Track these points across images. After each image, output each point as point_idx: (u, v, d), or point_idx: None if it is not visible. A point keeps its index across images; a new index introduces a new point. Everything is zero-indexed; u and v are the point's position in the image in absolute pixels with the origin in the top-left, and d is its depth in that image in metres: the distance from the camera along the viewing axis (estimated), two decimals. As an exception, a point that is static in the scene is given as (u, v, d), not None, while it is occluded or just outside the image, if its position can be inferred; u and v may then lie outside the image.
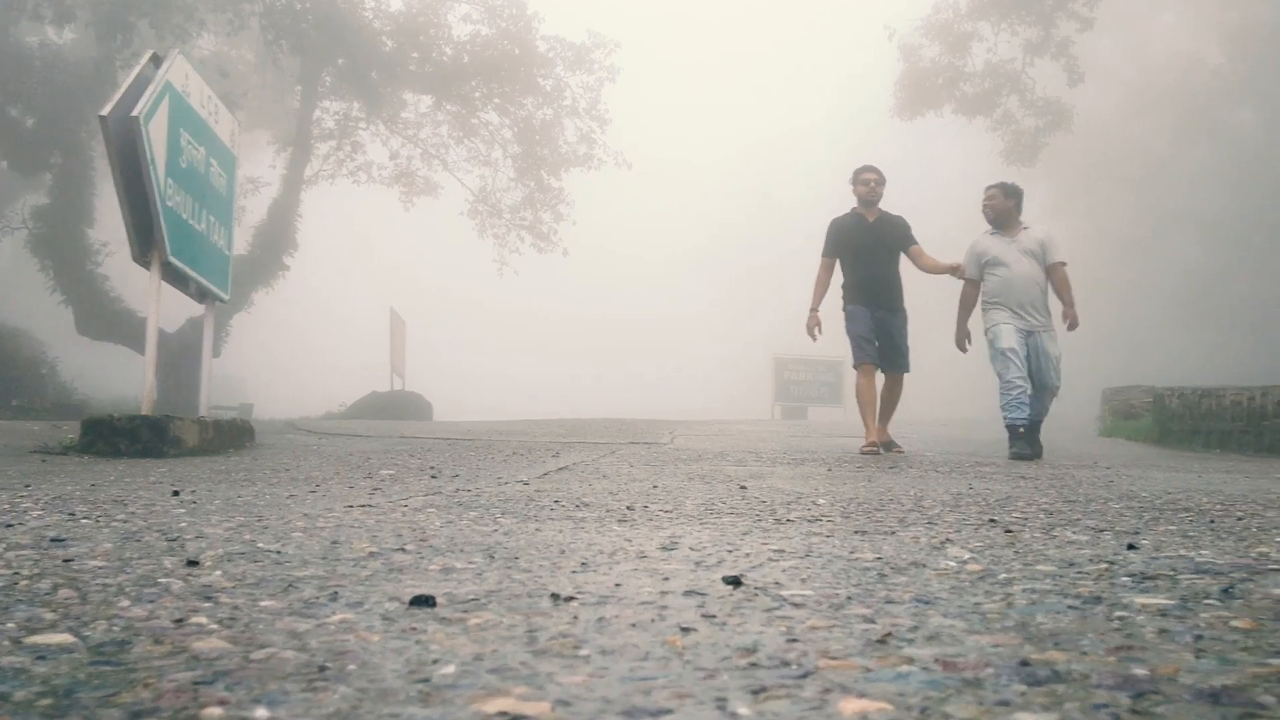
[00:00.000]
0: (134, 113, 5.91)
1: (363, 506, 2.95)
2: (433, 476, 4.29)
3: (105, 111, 5.91)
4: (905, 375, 7.39)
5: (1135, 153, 27.61)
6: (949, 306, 7.52)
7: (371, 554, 1.86)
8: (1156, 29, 27.58)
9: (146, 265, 6.28)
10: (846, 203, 7.54)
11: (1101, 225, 27.50)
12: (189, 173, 6.71)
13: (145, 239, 6.18)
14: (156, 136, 6.13)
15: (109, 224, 14.35)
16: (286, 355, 38.51)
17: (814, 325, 7.38)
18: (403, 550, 1.91)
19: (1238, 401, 8.58)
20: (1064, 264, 7.11)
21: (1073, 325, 7.13)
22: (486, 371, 47.19)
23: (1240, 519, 2.65)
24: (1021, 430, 6.76)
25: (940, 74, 22.21)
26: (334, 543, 2.02)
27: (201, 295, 7.40)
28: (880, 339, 7.23)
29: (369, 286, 39.67)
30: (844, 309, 7.38)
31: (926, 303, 10.43)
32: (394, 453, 6.03)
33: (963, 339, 7.37)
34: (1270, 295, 25.50)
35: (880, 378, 7.31)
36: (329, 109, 21.96)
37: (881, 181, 7.50)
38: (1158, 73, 26.88)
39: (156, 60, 6.64)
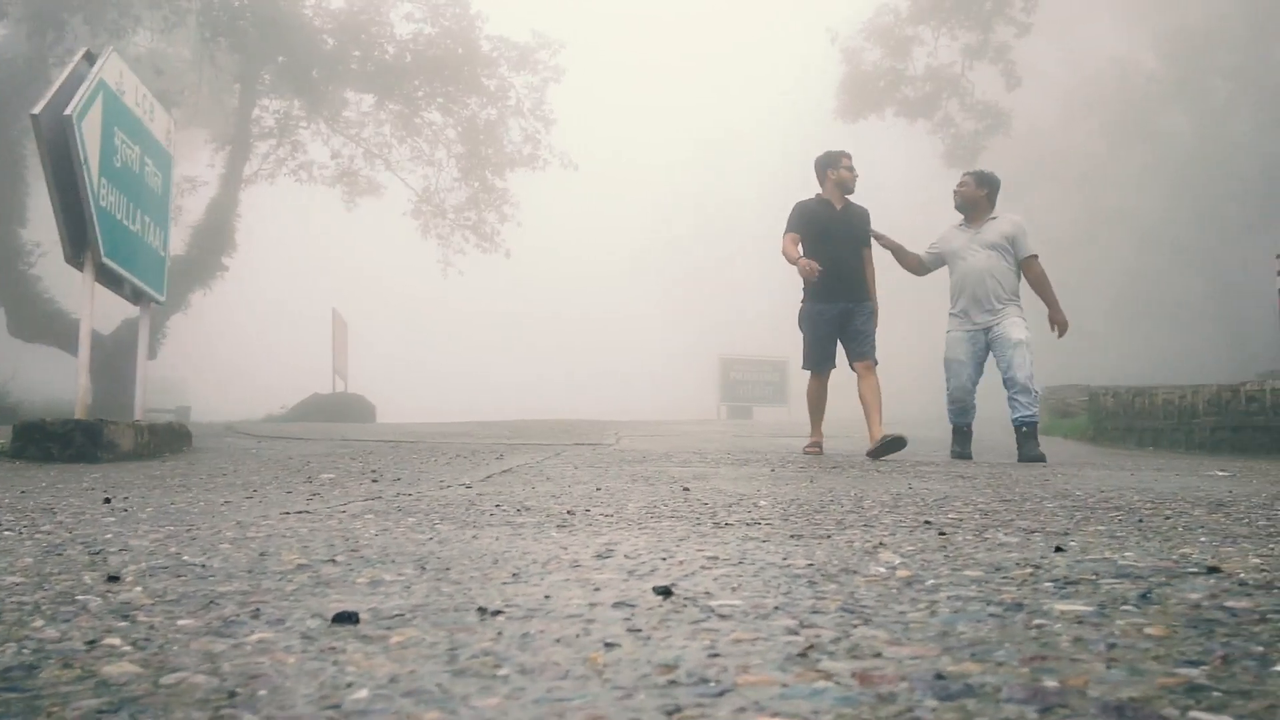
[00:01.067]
0: (66, 111, 5.79)
1: (299, 513, 2.91)
2: (374, 480, 4.25)
3: (37, 110, 5.78)
4: (875, 366, 6.78)
5: (1072, 156, 28.12)
6: (900, 299, 7.61)
7: (300, 566, 1.83)
8: (1092, 34, 28.09)
9: (79, 266, 6.15)
10: (793, 201, 7.03)
11: (1040, 227, 27.87)
12: (123, 172, 6.58)
13: (78, 240, 6.05)
14: (90, 135, 6.00)
15: (42, 224, 14.04)
16: (226, 357, 37.95)
17: (809, 266, 6.53)
18: (333, 562, 1.88)
19: (1169, 400, 8.77)
20: (1036, 257, 6.74)
21: (1061, 329, 6.67)
22: (432, 373, 46.86)
23: (1168, 518, 2.70)
24: (967, 429, 6.74)
25: (882, 77, 22.48)
26: (262, 554, 1.99)
27: (136, 297, 7.26)
28: (844, 331, 6.77)
29: (311, 287, 39.22)
30: (802, 306, 6.92)
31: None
32: (335, 456, 5.96)
33: (883, 241, 6.97)
34: (1203, 295, 26.12)
35: (839, 386, 6.94)
36: (268, 107, 21.66)
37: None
38: (1093, 77, 27.40)
39: (90, 58, 6.50)
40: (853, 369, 6.82)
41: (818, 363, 6.83)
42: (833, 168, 6.97)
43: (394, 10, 21.85)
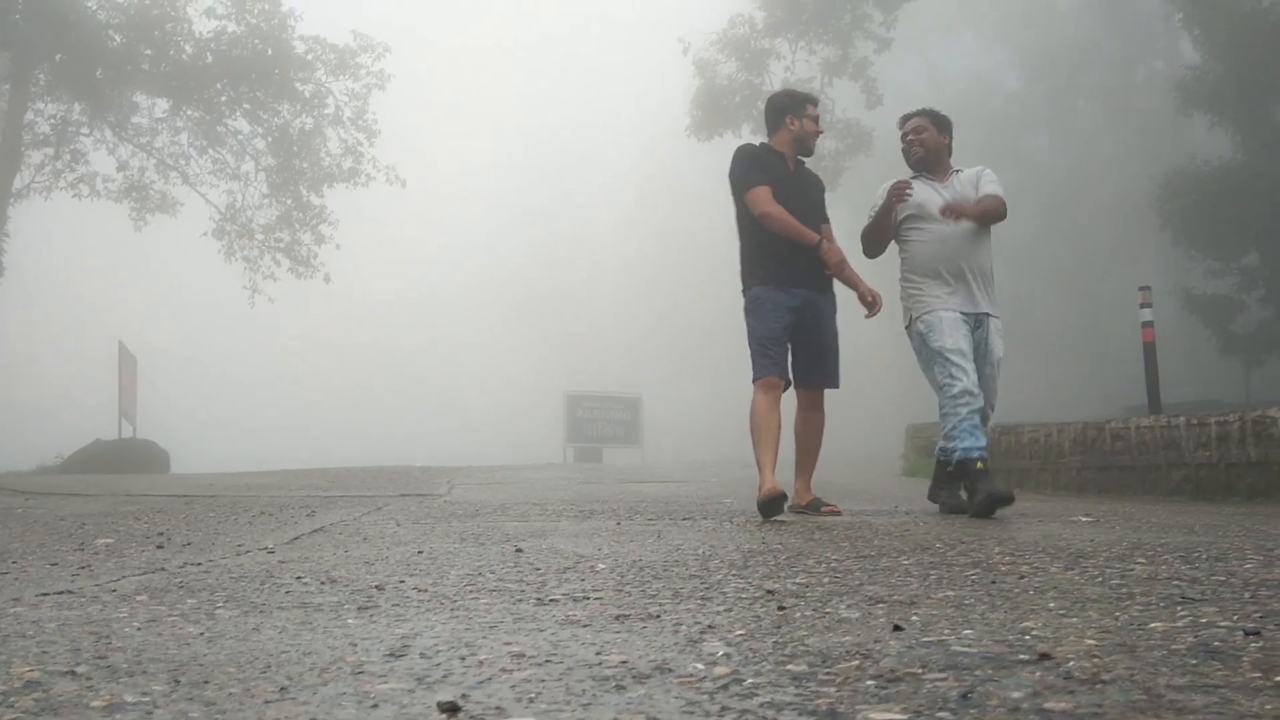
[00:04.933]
0: None
1: (60, 594, 2.75)
2: (159, 546, 4.05)
3: None
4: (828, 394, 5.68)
5: (937, 177, 29.32)
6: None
7: (29, 683, 1.69)
8: (954, 51, 29.49)
9: None
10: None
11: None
12: None
13: None
14: None
15: None
16: (-9, 398, 35.88)
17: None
18: (72, 673, 1.75)
19: (1035, 439, 9.17)
20: (999, 196, 5.69)
21: (954, 212, 5.50)
22: (237, 414, 45.36)
23: (1022, 576, 2.80)
24: (981, 465, 5.18)
25: (737, 91, 22.99)
26: (-12, 665, 1.84)
27: None
28: (799, 338, 5.52)
29: (94, 318, 37.53)
30: (746, 293, 5.59)
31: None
32: (117, 515, 5.67)
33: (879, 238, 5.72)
34: (1073, 324, 27.56)
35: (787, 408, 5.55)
36: (44, 111, 20.76)
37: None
38: (956, 96, 28.72)
39: None
40: (798, 393, 5.65)
41: (770, 365, 5.41)
42: (794, 114, 5.70)
43: (192, 5, 21.28)
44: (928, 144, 5.77)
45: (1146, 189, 19.85)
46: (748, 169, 5.56)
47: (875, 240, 5.75)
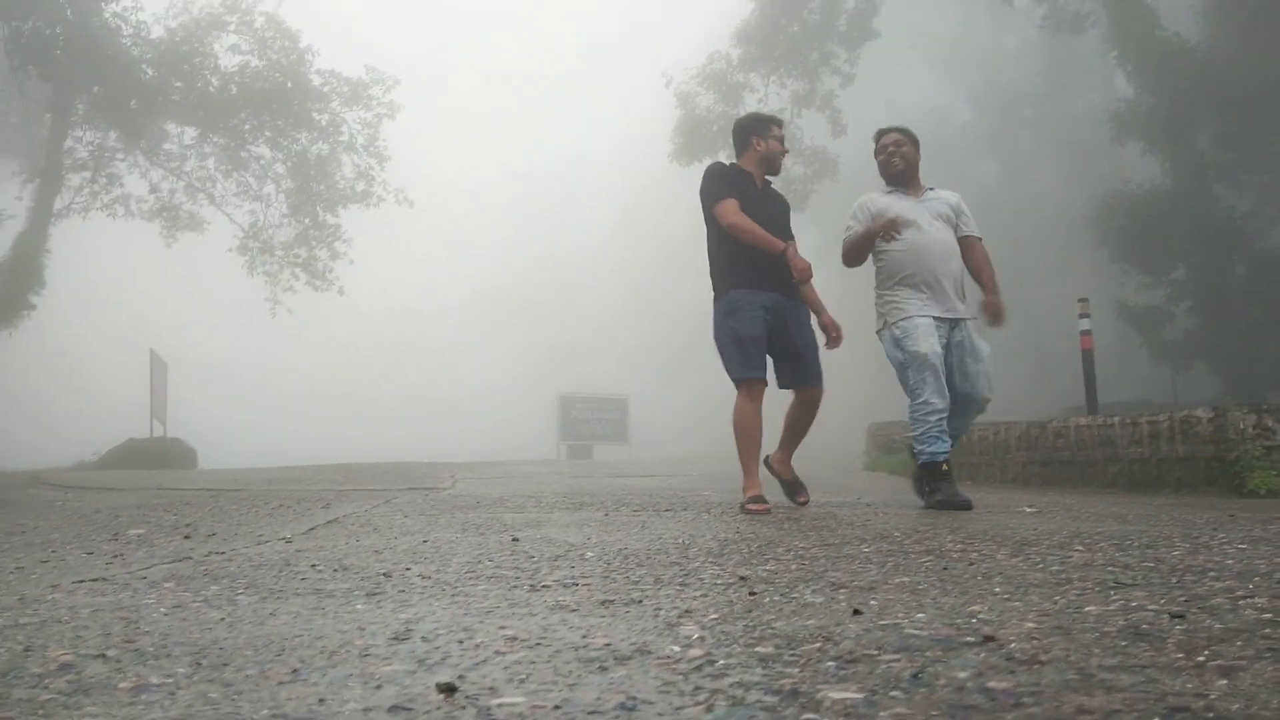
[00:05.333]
0: None
1: (94, 581, 2.73)
2: (185, 537, 4.03)
3: None
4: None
5: (895, 199, 29.41)
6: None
7: (63, 665, 1.68)
8: (911, 86, 29.58)
9: None
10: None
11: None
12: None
13: None
14: None
15: None
16: (34, 401, 35.62)
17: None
18: (103, 657, 1.74)
19: (984, 436, 9.20)
20: (981, 239, 5.57)
21: (995, 317, 5.44)
22: (259, 415, 45.18)
23: (972, 563, 2.81)
24: (945, 466, 5.12)
25: (715, 121, 23.03)
26: (27, 650, 1.82)
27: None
28: (777, 343, 5.21)
29: (127, 327, 37.29)
30: (719, 299, 5.26)
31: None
32: (148, 508, 5.63)
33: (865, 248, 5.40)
34: (1016, 334, 27.63)
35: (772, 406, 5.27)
36: (82, 138, 20.66)
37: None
38: (913, 125, 28.77)
39: None
40: (796, 391, 5.37)
41: (748, 367, 5.09)
42: (759, 135, 5.49)
43: (218, 42, 21.22)
44: (908, 159, 5.56)
45: (1084, 210, 19.96)
46: (717, 184, 5.31)
47: (855, 256, 5.52)
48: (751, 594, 2.33)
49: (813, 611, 2.07)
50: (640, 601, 2.26)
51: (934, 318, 5.23)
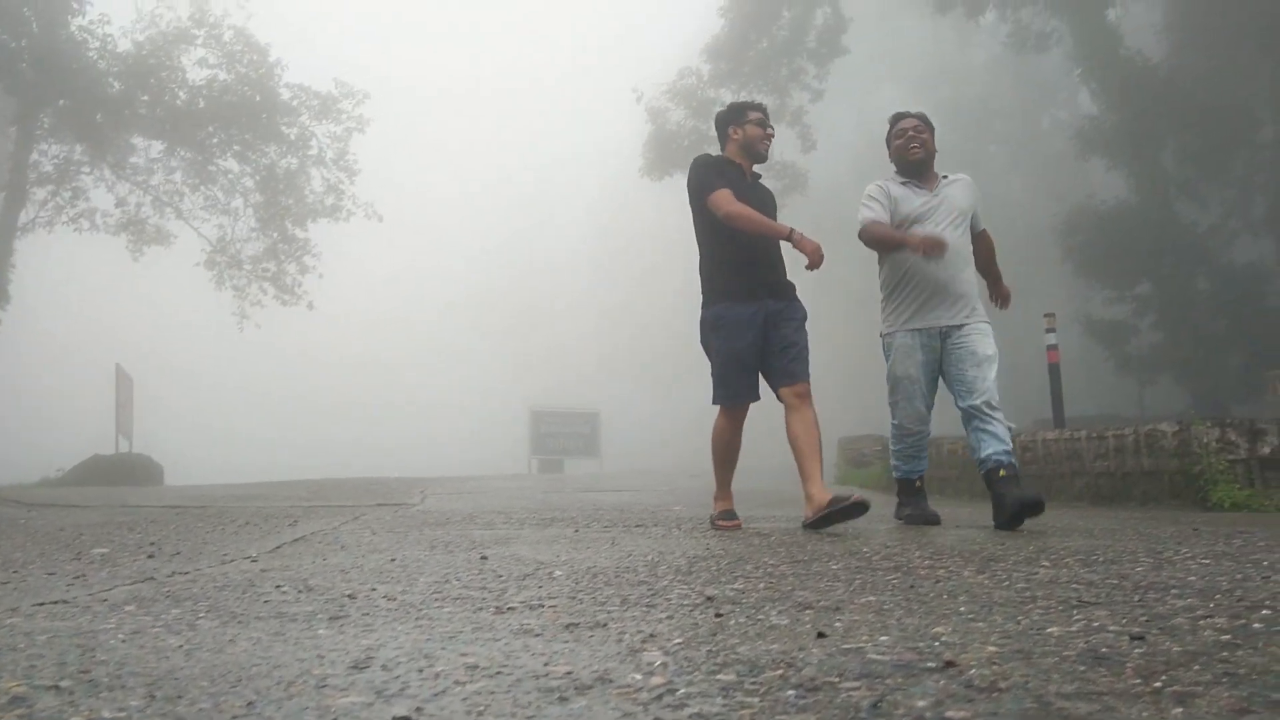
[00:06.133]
0: None
1: (55, 604, 2.68)
2: (150, 556, 3.96)
3: None
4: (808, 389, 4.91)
5: (865, 214, 29.65)
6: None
7: (15, 699, 1.63)
8: (879, 102, 29.80)
9: None
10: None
11: (836, 281, 29.29)
12: None
13: None
14: None
15: None
16: (-3, 417, 35.19)
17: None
18: (56, 688, 1.70)
19: (953, 451, 9.24)
20: (985, 229, 5.30)
21: (1005, 302, 5.33)
22: (228, 429, 44.81)
23: (939, 580, 2.81)
24: (918, 484, 5.11)
25: (686, 136, 23.13)
26: (-24, 680, 1.78)
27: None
28: (769, 342, 4.84)
29: (93, 342, 36.94)
30: (707, 311, 4.98)
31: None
32: (112, 526, 5.55)
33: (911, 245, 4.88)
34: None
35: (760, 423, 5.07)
36: (48, 152, 20.47)
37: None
38: (881, 141, 29.09)
39: None
40: (779, 398, 4.89)
41: (734, 393, 4.85)
42: (737, 124, 5.17)
43: (186, 55, 21.10)
44: (929, 148, 5.16)
45: (1050, 225, 20.17)
46: (707, 175, 4.96)
47: (878, 247, 5.16)
48: (718, 615, 2.33)
49: (777, 634, 2.07)
50: (605, 625, 2.25)
51: (921, 330, 4.97)
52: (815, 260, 4.70)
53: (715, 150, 5.37)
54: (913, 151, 5.13)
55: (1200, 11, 18.28)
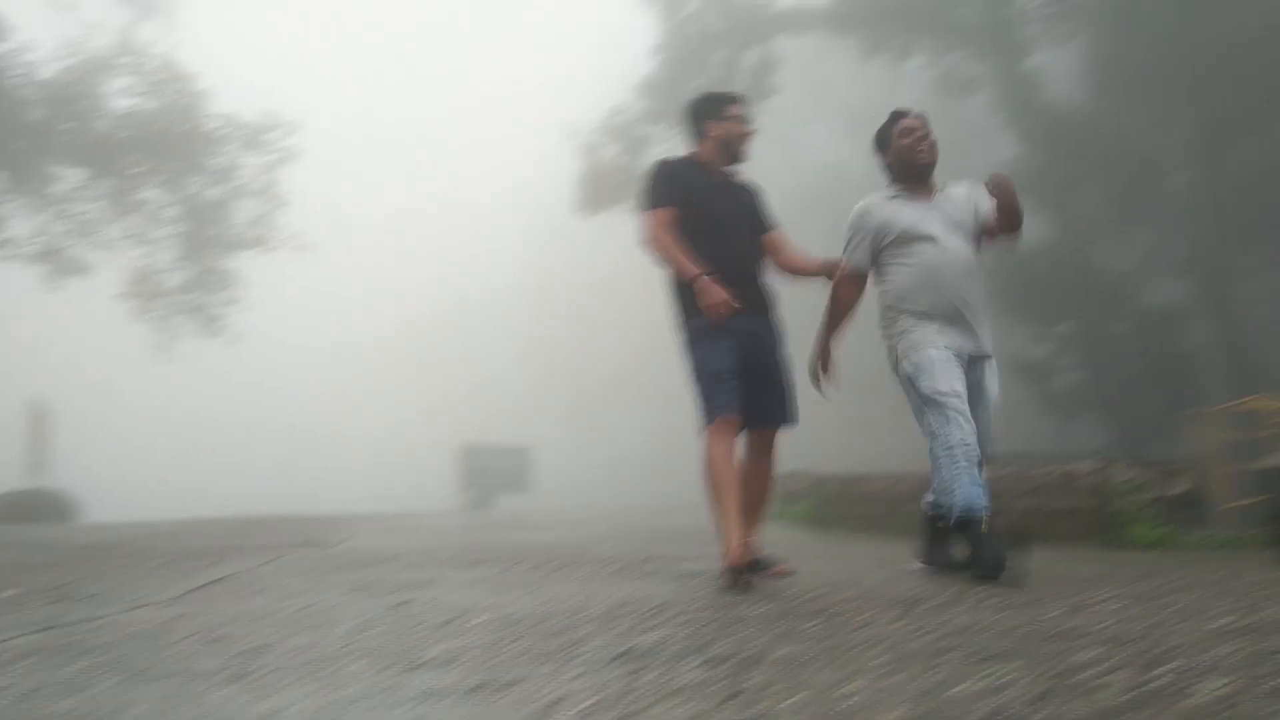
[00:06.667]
0: None
1: (-55, 661, 2.58)
2: (57, 601, 3.84)
3: None
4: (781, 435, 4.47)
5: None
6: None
7: None
8: (808, 142, 30.32)
9: None
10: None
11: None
12: None
13: None
14: None
15: None
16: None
17: (717, 301, 4.09)
18: None
19: (880, 488, 9.36)
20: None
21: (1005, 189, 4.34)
22: (149, 463, 43.71)
23: (858, 629, 2.82)
24: (985, 520, 4.08)
25: (620, 172, 23.26)
26: None
27: None
28: (747, 367, 4.30)
29: (4, 375, 35.87)
30: (686, 325, 4.38)
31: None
32: (23, 566, 5.36)
33: (822, 363, 4.62)
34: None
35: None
36: (-38, 179, 19.97)
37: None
38: (814, 180, 29.55)
39: None
40: (749, 433, 4.42)
41: (720, 404, 4.19)
42: (714, 118, 4.63)
43: (110, 83, 20.76)
44: (935, 151, 4.55)
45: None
46: (656, 189, 4.39)
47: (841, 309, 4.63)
48: (632, 672, 2.31)
49: (689, 694, 2.05)
50: (516, 684, 2.21)
51: (950, 348, 4.30)
52: (714, 317, 4.15)
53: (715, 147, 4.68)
54: (921, 154, 4.53)
55: (1120, 60, 18.89)
